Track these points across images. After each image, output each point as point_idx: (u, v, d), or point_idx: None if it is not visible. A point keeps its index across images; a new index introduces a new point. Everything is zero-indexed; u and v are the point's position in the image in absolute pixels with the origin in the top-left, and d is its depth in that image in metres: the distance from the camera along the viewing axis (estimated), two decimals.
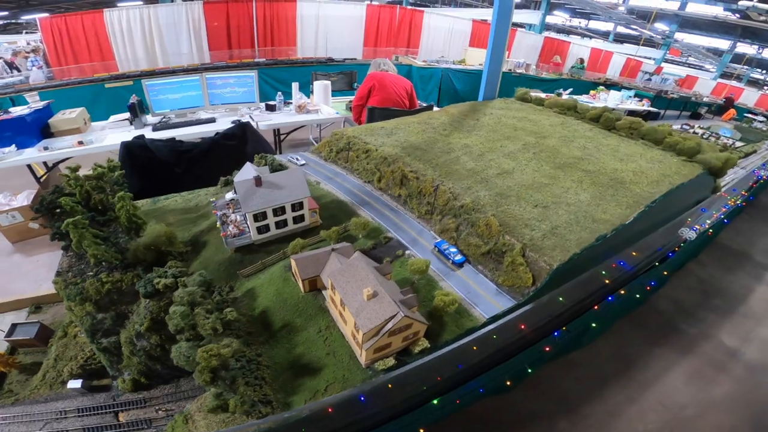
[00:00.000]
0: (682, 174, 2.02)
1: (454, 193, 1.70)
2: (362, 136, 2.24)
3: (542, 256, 1.33)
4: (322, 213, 1.67)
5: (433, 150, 2.10)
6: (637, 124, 2.49)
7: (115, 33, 8.44)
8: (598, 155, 2.16)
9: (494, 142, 2.28)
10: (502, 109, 2.95)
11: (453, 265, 1.40)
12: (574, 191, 1.74)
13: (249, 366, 0.98)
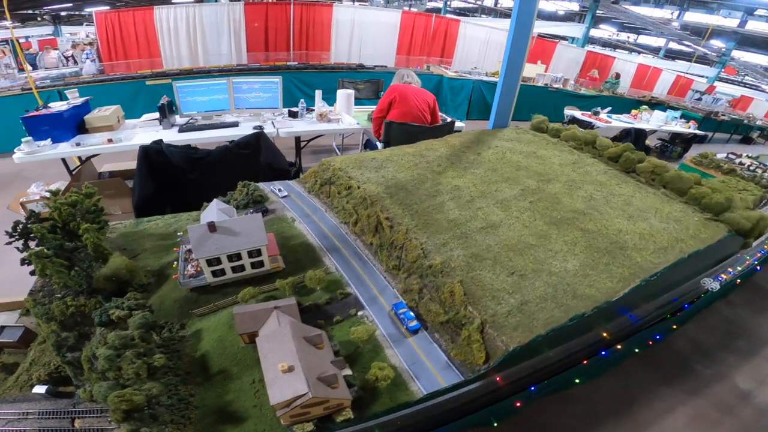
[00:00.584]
0: (700, 238, 1.73)
1: (426, 249, 1.52)
2: (348, 169, 2.06)
3: (501, 335, 1.19)
4: (288, 257, 1.58)
5: (418, 192, 1.89)
6: (660, 169, 2.15)
7: (162, 30, 8.84)
8: (604, 209, 1.89)
9: (490, 184, 2.02)
10: (510, 140, 2.65)
11: (407, 331, 1.29)
12: (563, 256, 1.51)
13: (179, 405, 1.01)
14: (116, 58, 8.90)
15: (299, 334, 1.04)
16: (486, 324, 1.22)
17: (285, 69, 7.67)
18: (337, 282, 1.51)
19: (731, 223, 1.83)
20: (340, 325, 1.32)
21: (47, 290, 1.38)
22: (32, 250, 1.29)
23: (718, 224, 1.85)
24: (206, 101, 4.14)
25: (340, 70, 7.96)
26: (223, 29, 9.06)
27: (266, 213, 1.92)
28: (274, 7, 9.21)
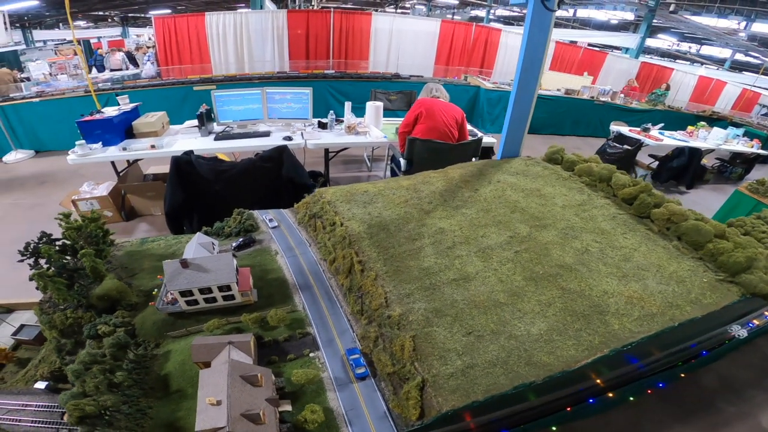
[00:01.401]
0: (701, 304, 1.51)
1: (389, 299, 1.47)
2: (336, 203, 2.00)
3: (438, 395, 1.14)
4: (263, 290, 1.61)
5: (400, 233, 1.79)
6: (678, 218, 1.85)
7: (212, 36, 9.33)
8: (595, 265, 1.67)
9: (477, 228, 1.86)
10: (516, 174, 2.39)
11: (354, 377, 1.29)
12: (531, 318, 1.39)
13: (137, 414, 1.14)
14: (171, 62, 9.49)
15: (237, 372, 1.11)
16: (426, 383, 1.19)
17: (322, 77, 7.85)
18: (300, 321, 1.52)
19: (747, 286, 1.60)
20: (292, 363, 1.35)
21: (52, 302, 1.53)
22: (36, 270, 1.45)
23: (731, 287, 1.61)
24: (242, 110, 4.31)
25: (375, 79, 8.02)
26: (267, 36, 9.42)
27: (252, 243, 1.94)
28: (315, 15, 9.46)
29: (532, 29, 2.30)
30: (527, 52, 2.38)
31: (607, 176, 2.24)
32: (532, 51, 2.39)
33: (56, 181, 5.62)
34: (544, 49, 2.39)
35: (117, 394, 1.13)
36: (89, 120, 4.04)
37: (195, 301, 1.46)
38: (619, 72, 12.03)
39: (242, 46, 9.49)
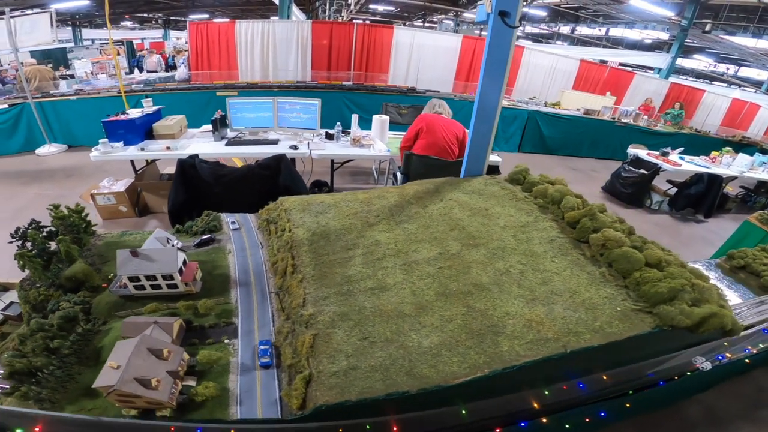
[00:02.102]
0: (604, 333, 1.44)
1: (307, 299, 1.57)
2: (293, 211, 2.11)
3: (317, 390, 1.23)
4: (207, 283, 1.78)
5: (338, 242, 1.88)
6: (612, 243, 1.81)
7: (240, 43, 9.73)
8: (509, 287, 1.67)
9: (412, 243, 1.90)
10: (470, 193, 2.40)
11: (258, 364, 1.41)
12: (427, 332, 1.43)
13: (66, 377, 1.29)
14: (202, 66, 9.93)
15: (144, 344, 1.27)
16: (312, 377, 1.27)
17: (339, 89, 8.05)
18: (229, 312, 1.65)
19: (663, 318, 1.52)
20: (209, 347, 1.47)
21: (31, 280, 1.75)
22: (17, 252, 1.68)
23: (645, 318, 1.54)
24: (254, 118, 4.52)
25: (390, 92, 8.15)
26: (291, 46, 9.74)
27: (212, 242, 2.11)
28: (339, 27, 9.73)
29: (492, 46, 2.29)
30: (487, 69, 2.36)
31: (558, 199, 2.20)
32: (492, 68, 2.36)
33: (82, 175, 5.99)
34: (505, 66, 2.36)
35: (51, 359, 1.30)
36: (114, 120, 4.34)
37: (142, 286, 1.64)
38: (647, 93, 11.71)
39: (267, 55, 9.85)
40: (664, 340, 1.62)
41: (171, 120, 4.68)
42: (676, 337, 1.63)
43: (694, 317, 1.50)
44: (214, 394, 1.26)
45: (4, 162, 6.51)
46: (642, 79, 11.87)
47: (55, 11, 7.24)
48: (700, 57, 20.92)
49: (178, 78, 9.96)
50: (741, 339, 2.17)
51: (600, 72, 11.30)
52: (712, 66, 21.81)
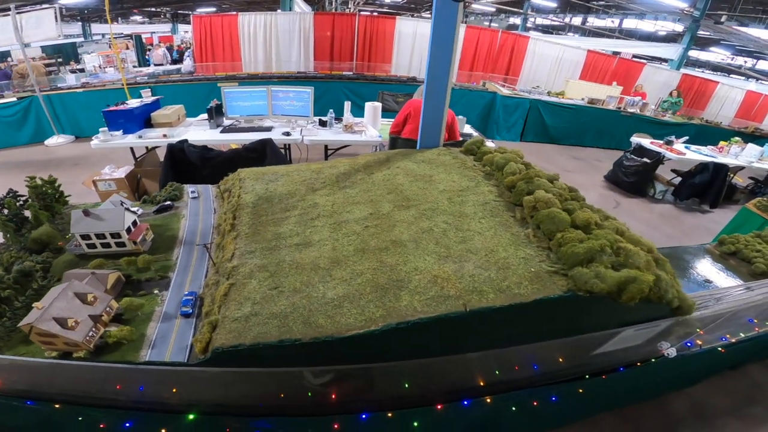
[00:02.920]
0: (510, 293, 1.37)
1: (235, 254, 1.61)
2: (247, 179, 2.15)
3: (218, 335, 1.25)
4: (155, 243, 1.90)
5: (279, 204, 1.92)
6: (542, 205, 1.74)
7: (244, 36, 9.79)
8: (426, 244, 1.61)
9: (348, 205, 1.91)
10: (421, 162, 2.37)
11: (180, 313, 1.47)
12: (335, 284, 1.41)
13: (12, 326, 1.40)
14: (206, 59, 10.02)
15: (71, 290, 1.36)
16: (218, 323, 1.30)
17: (338, 79, 8.06)
18: (167, 267, 1.74)
19: (577, 280, 1.42)
20: (140, 297, 1.56)
21: (6, 244, 1.90)
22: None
23: (559, 280, 1.45)
24: (248, 106, 4.58)
25: (390, 82, 8.14)
26: (294, 37, 9.77)
27: (170, 209, 2.24)
28: (341, 18, 9.72)
29: (438, 21, 2.30)
30: (434, 43, 2.38)
31: (502, 165, 2.18)
32: (439, 42, 2.37)
33: (88, 164, 6.15)
34: (452, 40, 2.36)
35: (2, 309, 1.42)
36: (113, 110, 4.50)
37: (93, 245, 1.77)
38: (657, 84, 11.44)
39: (270, 46, 9.89)
40: (590, 310, 1.52)
41: (169, 109, 4.79)
42: (604, 308, 1.50)
43: (609, 281, 1.39)
44: (127, 336, 1.33)
45: (14, 153, 6.71)
46: (652, 69, 11.58)
47: (59, 7, 7.40)
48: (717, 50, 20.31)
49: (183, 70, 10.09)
50: (716, 326, 2.11)
51: (608, 62, 11.07)
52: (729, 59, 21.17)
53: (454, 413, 1.39)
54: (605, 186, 6.79)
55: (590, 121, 8.59)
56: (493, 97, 8.33)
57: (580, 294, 1.39)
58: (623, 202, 6.19)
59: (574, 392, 1.68)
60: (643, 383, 2.06)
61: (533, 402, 1.57)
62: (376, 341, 1.28)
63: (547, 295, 1.38)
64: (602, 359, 1.65)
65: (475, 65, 10.43)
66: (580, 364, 1.62)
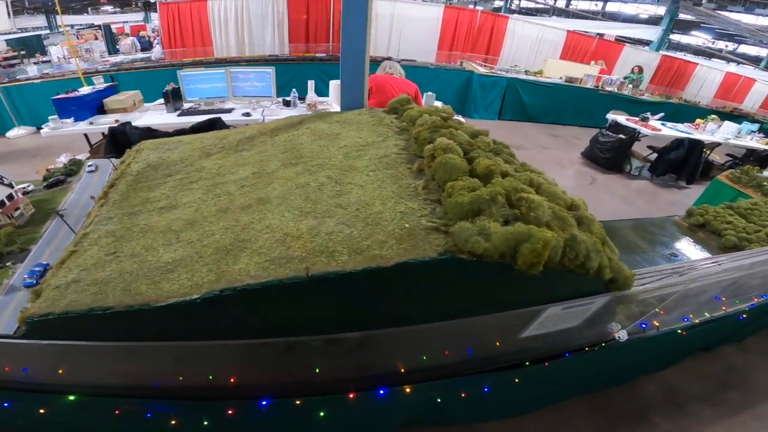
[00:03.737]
0: (371, 254, 1.13)
1: (96, 220, 1.51)
2: (146, 150, 1.98)
3: (35, 303, 1.16)
4: (34, 217, 1.86)
5: (163, 171, 1.78)
6: (440, 152, 1.49)
7: (214, 21, 9.46)
8: (293, 200, 1.36)
9: (235, 167, 1.74)
10: (335, 122, 2.18)
11: (23, 285, 1.42)
12: (177, 247, 1.26)
13: None
14: (176, 45, 9.68)
15: None
16: (41, 292, 1.20)
17: (310, 60, 7.83)
18: (31, 240, 1.67)
19: (457, 239, 1.13)
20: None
21: None
22: None
23: (436, 238, 1.16)
24: (207, 89, 4.38)
25: None
26: (267, 21, 9.48)
27: (61, 183, 2.21)
28: (315, 1, 9.41)
29: None
30: (347, 2, 2.23)
31: (416, 117, 1.99)
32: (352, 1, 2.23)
33: (48, 154, 5.90)
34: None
35: None
36: (63, 98, 4.30)
37: None
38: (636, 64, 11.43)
39: (243, 31, 9.58)
40: (491, 280, 1.23)
41: (123, 95, 4.61)
42: (509, 278, 1.18)
43: (495, 239, 1.10)
44: None
45: None
46: (631, 50, 11.56)
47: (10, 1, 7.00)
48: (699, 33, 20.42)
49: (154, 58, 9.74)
50: (677, 305, 1.94)
51: (588, 43, 11.00)
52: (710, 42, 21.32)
53: (369, 403, 1.23)
54: (582, 162, 6.74)
55: (568, 100, 8.52)
56: (470, 76, 8.18)
57: (462, 257, 1.10)
58: (600, 178, 6.15)
59: (512, 382, 1.51)
60: (604, 368, 1.93)
61: (461, 393, 1.41)
62: (201, 311, 1.07)
63: (416, 257, 1.09)
64: (533, 343, 1.46)
65: (455, 46, 10.25)
66: (512, 351, 1.45)
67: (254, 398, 1.15)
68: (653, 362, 2.35)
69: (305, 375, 1.16)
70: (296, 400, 1.13)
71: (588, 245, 1.23)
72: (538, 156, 6.63)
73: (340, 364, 1.22)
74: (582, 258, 1.21)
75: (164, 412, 1.19)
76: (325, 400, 1.18)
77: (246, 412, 1.15)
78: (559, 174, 6.05)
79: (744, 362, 2.85)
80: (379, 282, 1.11)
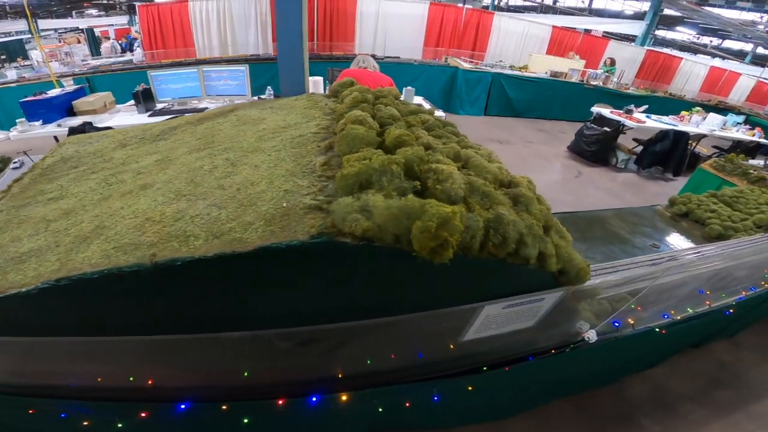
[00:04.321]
0: (230, 238, 0.96)
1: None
2: (69, 144, 1.87)
3: None
4: None
5: (71, 163, 1.69)
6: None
7: (196, 23, 9.31)
8: (175, 183, 1.32)
9: (143, 156, 1.62)
10: (267, 108, 2.04)
11: None
12: (39, 237, 1.15)
13: None
14: (157, 47, 9.53)
15: None
16: None
17: None
18: None
19: (336, 218, 0.94)
20: None
21: None
22: None
23: (315, 217, 0.98)
24: (180, 89, 4.26)
25: (346, 60, 7.83)
26: (250, 21, 9.38)
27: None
28: None
29: None
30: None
31: (347, 94, 1.86)
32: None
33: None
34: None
35: None
36: (31, 100, 4.19)
37: None
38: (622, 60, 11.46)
39: (225, 31, 9.46)
40: (380, 269, 1.02)
41: (93, 97, 4.49)
42: (412, 269, 0.98)
43: (376, 216, 0.88)
44: None
45: None
46: (616, 45, 11.62)
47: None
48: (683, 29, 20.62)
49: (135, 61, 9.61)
50: (653, 300, 1.81)
51: (573, 38, 11.02)
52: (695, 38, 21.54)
53: (300, 410, 1.10)
54: (568, 156, 6.70)
55: (554, 94, 8.49)
56: (455, 72, 8.10)
57: (344, 240, 0.90)
58: (586, 171, 6.11)
59: (464, 390, 1.35)
60: (580, 369, 1.78)
61: (405, 403, 1.24)
62: (39, 303, 0.94)
63: (281, 240, 0.90)
64: (482, 347, 1.28)
65: (441, 43, 10.19)
66: (460, 356, 1.26)
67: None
68: (636, 361, 2.24)
69: (237, 380, 1.04)
70: (223, 405, 1.00)
71: (520, 228, 1.02)
72: (524, 150, 6.56)
73: (272, 368, 1.10)
74: (513, 243, 1.00)
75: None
76: (253, 405, 1.05)
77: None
78: (545, 168, 6.00)
79: (736, 359, 2.76)
80: (238, 271, 0.93)
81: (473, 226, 0.94)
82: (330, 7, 9.45)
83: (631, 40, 14.79)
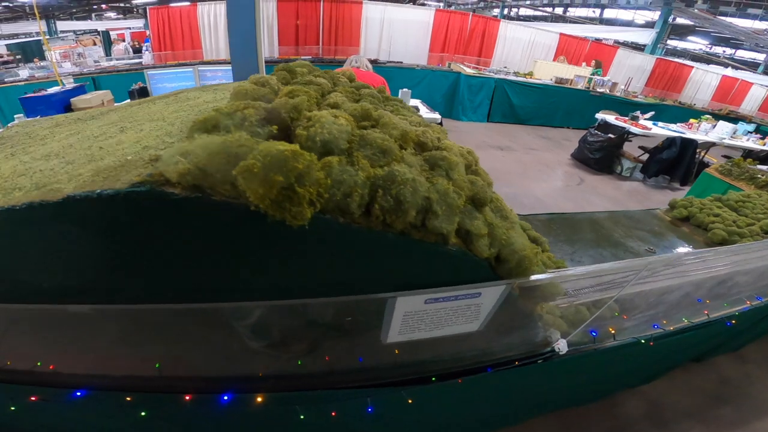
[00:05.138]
0: (46, 190, 0.81)
1: None
2: (21, 125, 1.76)
3: None
4: None
5: (4, 141, 1.59)
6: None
7: (204, 26, 9.50)
8: (72, 153, 1.14)
9: (69, 136, 1.50)
10: (211, 91, 1.97)
11: None
12: None
13: None
14: (165, 49, 9.73)
15: None
16: None
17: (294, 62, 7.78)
18: None
19: (162, 165, 0.77)
20: None
21: None
22: None
23: (145, 168, 0.81)
24: (175, 87, 4.27)
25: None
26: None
27: None
28: (305, 5, 9.42)
29: None
30: None
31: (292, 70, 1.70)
32: None
33: None
34: None
35: None
36: (30, 96, 4.36)
37: None
38: (632, 68, 11.36)
39: None
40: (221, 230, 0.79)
41: (91, 95, 4.56)
42: (264, 233, 0.77)
43: (194, 154, 0.73)
44: None
45: None
46: (625, 53, 11.49)
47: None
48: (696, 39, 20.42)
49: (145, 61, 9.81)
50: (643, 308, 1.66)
51: (581, 46, 10.93)
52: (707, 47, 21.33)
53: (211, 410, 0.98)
54: (571, 164, 6.57)
55: (558, 101, 8.39)
56: (457, 77, 8.06)
57: (171, 191, 0.72)
58: (589, 179, 5.97)
59: (404, 402, 1.14)
60: (556, 384, 1.58)
61: (331, 412, 1.07)
62: None
63: (94, 189, 0.73)
64: (421, 352, 1.09)
65: (446, 49, 10.18)
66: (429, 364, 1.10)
67: None
68: (626, 376, 2.07)
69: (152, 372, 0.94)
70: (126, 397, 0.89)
71: (422, 191, 0.82)
72: (525, 157, 6.45)
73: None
74: (413, 211, 0.80)
75: None
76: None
77: None
78: (546, 175, 5.88)
79: (741, 374, 2.60)
80: (56, 228, 0.77)
81: (347, 181, 0.76)
82: (335, 13, 9.53)
83: (642, 50, 14.67)
